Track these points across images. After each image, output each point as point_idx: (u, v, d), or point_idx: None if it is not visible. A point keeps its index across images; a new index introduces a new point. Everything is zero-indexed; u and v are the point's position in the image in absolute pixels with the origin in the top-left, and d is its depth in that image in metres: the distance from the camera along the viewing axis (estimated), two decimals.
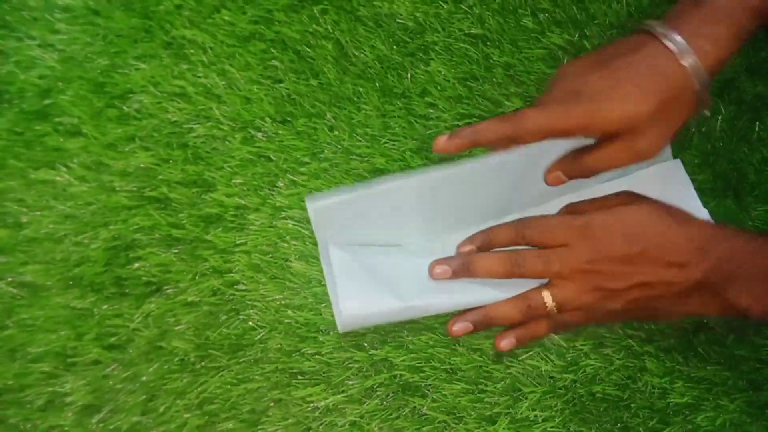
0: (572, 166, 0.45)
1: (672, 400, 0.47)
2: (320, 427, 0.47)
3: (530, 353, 0.48)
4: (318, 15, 0.59)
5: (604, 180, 0.48)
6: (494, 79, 0.56)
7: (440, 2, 0.59)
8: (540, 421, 0.47)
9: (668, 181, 0.49)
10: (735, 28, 0.41)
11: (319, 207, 0.45)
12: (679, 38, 0.41)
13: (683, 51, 0.41)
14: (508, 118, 0.43)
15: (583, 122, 0.42)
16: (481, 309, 0.42)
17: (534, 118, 0.43)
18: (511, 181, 0.49)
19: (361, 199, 0.46)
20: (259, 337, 0.49)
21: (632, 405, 0.47)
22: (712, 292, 0.38)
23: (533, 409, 0.47)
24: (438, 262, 0.42)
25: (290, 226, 0.52)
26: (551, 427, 0.47)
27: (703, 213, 0.48)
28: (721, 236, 0.38)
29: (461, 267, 0.42)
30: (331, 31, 0.58)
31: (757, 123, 0.54)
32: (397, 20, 0.58)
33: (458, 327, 0.42)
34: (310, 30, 0.58)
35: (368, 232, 0.46)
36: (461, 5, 0.59)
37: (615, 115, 0.42)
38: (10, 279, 0.50)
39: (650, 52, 0.42)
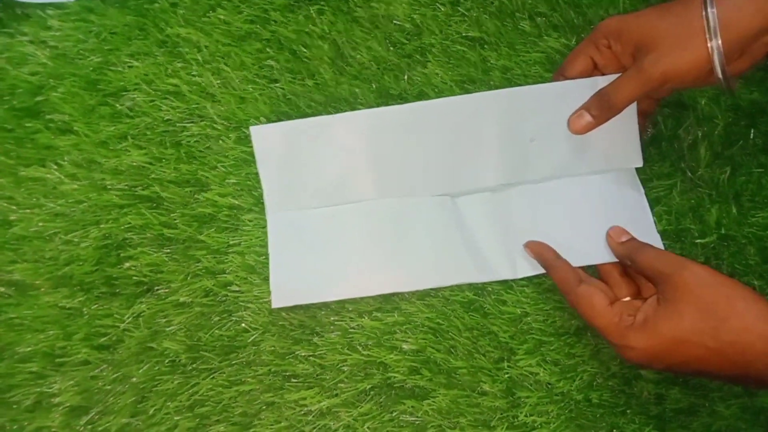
0: (600, 105, 0.47)
1: (668, 406, 0.47)
2: (313, 431, 0.46)
3: (528, 359, 0.48)
4: (314, 15, 0.58)
5: (560, 176, 0.50)
6: (491, 82, 0.56)
7: (438, 4, 0.59)
8: (536, 426, 0.46)
9: (625, 192, 0.50)
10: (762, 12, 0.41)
11: (263, 131, 0.47)
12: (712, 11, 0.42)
13: (713, 30, 0.42)
14: (599, 100, 0.47)
15: (608, 31, 0.46)
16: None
17: (622, 92, 0.46)
18: (477, 133, 0.50)
19: (307, 126, 0.49)
20: (252, 338, 0.48)
21: (628, 411, 0.47)
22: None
23: (530, 415, 0.46)
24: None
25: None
26: None
27: (652, 228, 0.50)
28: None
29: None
30: (327, 31, 0.58)
31: (752, 129, 0.55)
32: (394, 22, 0.58)
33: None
34: (307, 30, 0.58)
35: (315, 170, 0.48)
36: (458, 8, 0.59)
37: (638, 26, 0.44)
38: None
39: (687, 4, 0.43)
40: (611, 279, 0.46)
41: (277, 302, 0.47)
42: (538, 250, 0.47)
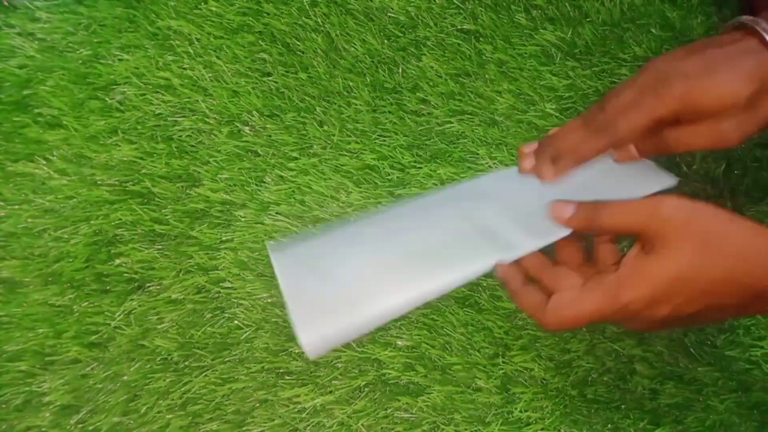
0: (655, 145, 0.43)
1: (662, 401, 0.47)
2: (307, 428, 0.46)
3: (523, 355, 0.48)
4: (308, 7, 0.57)
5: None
6: (486, 76, 0.55)
7: None
8: (531, 422, 0.46)
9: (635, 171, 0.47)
10: None
11: (282, 254, 0.42)
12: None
13: None
14: (597, 128, 0.43)
15: (677, 106, 0.41)
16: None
17: (626, 119, 0.41)
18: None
19: (323, 241, 0.44)
20: (245, 336, 0.48)
21: (623, 406, 0.46)
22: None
23: (525, 411, 0.46)
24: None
25: (278, 222, 0.51)
26: (542, 429, 0.46)
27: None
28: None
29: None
30: (321, 24, 0.57)
31: None
32: (389, 14, 0.57)
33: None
34: (300, 23, 0.57)
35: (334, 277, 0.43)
36: (454, 0, 0.58)
37: (712, 95, 0.40)
38: None
39: (747, 45, 0.41)
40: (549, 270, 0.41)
41: (313, 352, 0.38)
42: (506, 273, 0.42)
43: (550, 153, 0.45)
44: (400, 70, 0.56)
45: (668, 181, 0.47)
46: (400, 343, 0.48)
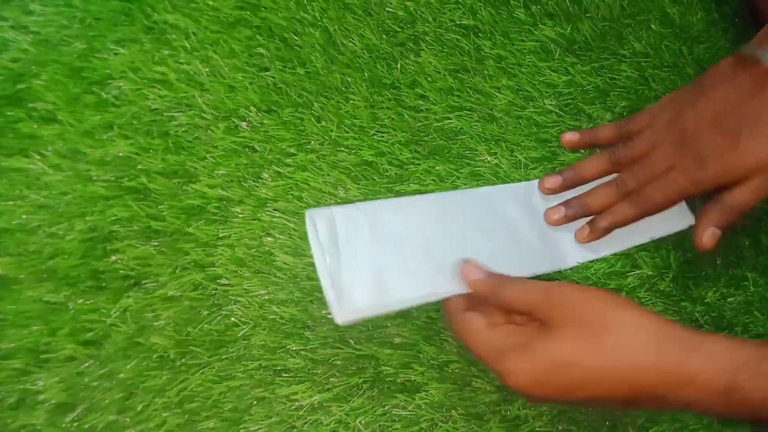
0: (722, 217, 0.44)
1: None
2: (305, 426, 0.46)
3: None
4: (306, 2, 0.57)
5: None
6: (485, 72, 0.55)
7: None
8: (529, 419, 0.46)
9: None
10: None
11: (319, 213, 0.43)
12: None
13: None
14: (633, 201, 0.46)
15: (714, 184, 0.43)
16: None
17: (662, 195, 0.44)
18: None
19: (364, 210, 0.44)
20: (242, 333, 0.47)
21: None
22: None
23: (522, 408, 0.46)
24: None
25: (275, 218, 0.50)
26: (539, 426, 0.46)
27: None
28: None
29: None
30: (319, 18, 0.56)
31: None
32: (387, 9, 0.57)
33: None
34: (298, 17, 0.56)
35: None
36: None
37: (750, 163, 0.41)
38: None
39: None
40: (487, 306, 0.41)
41: (341, 317, 0.40)
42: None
43: (579, 209, 0.48)
44: (399, 66, 0.55)
45: (687, 221, 0.48)
46: (397, 340, 0.48)
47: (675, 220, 0.48)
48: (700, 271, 0.50)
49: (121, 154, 0.51)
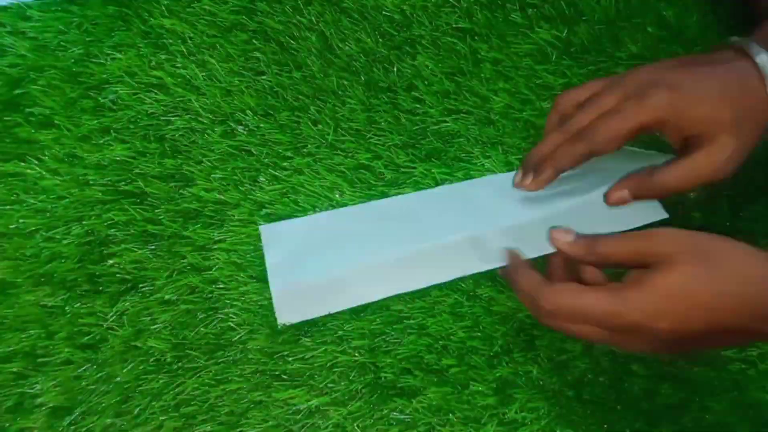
0: (642, 185, 0.42)
1: (658, 401, 0.46)
2: (302, 430, 0.46)
3: (519, 357, 0.47)
4: (302, 6, 0.57)
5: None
6: (482, 75, 0.55)
7: None
8: (526, 422, 0.46)
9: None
10: None
11: (270, 228, 0.48)
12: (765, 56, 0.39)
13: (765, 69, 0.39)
14: (576, 135, 0.42)
15: (660, 115, 0.40)
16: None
17: (606, 125, 0.40)
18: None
19: (311, 221, 0.49)
20: (238, 337, 0.47)
21: (618, 407, 0.46)
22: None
23: (520, 411, 0.46)
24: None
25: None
26: (538, 430, 0.46)
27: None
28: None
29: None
30: (315, 22, 0.57)
31: None
32: (383, 12, 0.57)
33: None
34: (294, 21, 0.57)
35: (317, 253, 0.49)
36: None
37: (697, 114, 0.39)
38: None
39: (738, 66, 0.40)
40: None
41: (282, 318, 0.46)
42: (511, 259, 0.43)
43: (532, 163, 0.44)
44: (395, 69, 0.55)
45: (659, 214, 0.48)
46: (396, 346, 0.47)
47: (646, 213, 0.48)
48: None
49: (117, 159, 0.51)
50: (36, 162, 0.51)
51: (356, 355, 0.47)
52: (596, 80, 0.45)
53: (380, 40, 0.56)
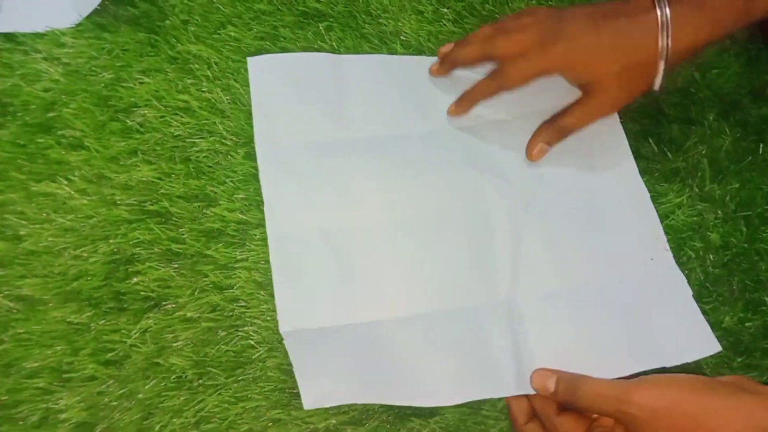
0: (550, 132, 0.51)
1: None
2: None
3: None
4: (323, 32, 0.59)
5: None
6: None
7: (444, 21, 0.59)
8: None
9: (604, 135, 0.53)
10: (716, 20, 0.45)
11: (260, 60, 0.53)
12: (668, 12, 0.45)
13: (664, 26, 0.45)
14: (495, 75, 0.51)
15: (559, 65, 0.48)
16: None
17: (516, 69, 0.49)
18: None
19: (303, 60, 0.54)
20: (258, 355, 0.48)
21: None
22: None
23: None
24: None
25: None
26: None
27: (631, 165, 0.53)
28: None
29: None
30: (336, 47, 0.58)
31: (761, 145, 0.54)
32: (402, 37, 0.59)
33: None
34: (315, 46, 0.58)
35: (307, 101, 0.53)
36: (463, 25, 0.59)
37: (588, 65, 0.47)
38: (7, 292, 0.49)
39: (641, 20, 0.46)
40: (550, 423, 0.41)
41: (284, 326, 0.48)
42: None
43: (451, 64, 0.54)
44: None
45: (713, 347, 0.47)
46: None
47: (701, 347, 0.47)
48: (717, 295, 0.50)
49: (144, 179, 0.53)
50: (66, 182, 0.53)
51: None
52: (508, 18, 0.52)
53: None
